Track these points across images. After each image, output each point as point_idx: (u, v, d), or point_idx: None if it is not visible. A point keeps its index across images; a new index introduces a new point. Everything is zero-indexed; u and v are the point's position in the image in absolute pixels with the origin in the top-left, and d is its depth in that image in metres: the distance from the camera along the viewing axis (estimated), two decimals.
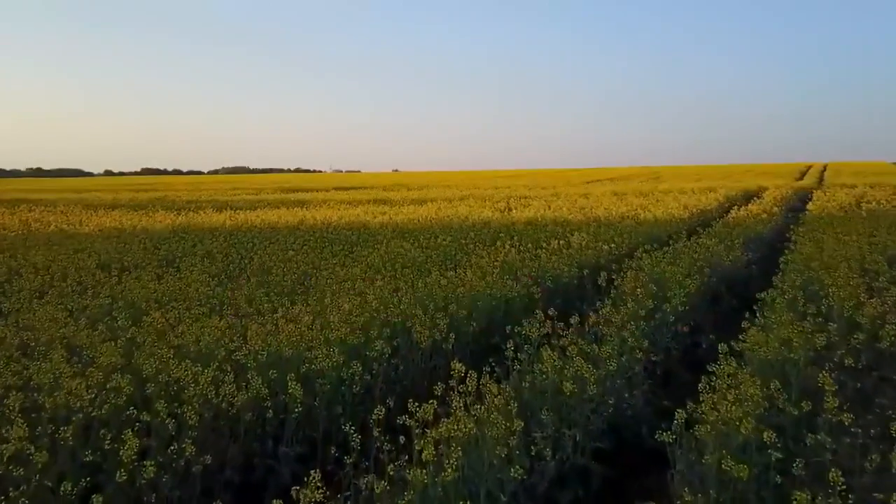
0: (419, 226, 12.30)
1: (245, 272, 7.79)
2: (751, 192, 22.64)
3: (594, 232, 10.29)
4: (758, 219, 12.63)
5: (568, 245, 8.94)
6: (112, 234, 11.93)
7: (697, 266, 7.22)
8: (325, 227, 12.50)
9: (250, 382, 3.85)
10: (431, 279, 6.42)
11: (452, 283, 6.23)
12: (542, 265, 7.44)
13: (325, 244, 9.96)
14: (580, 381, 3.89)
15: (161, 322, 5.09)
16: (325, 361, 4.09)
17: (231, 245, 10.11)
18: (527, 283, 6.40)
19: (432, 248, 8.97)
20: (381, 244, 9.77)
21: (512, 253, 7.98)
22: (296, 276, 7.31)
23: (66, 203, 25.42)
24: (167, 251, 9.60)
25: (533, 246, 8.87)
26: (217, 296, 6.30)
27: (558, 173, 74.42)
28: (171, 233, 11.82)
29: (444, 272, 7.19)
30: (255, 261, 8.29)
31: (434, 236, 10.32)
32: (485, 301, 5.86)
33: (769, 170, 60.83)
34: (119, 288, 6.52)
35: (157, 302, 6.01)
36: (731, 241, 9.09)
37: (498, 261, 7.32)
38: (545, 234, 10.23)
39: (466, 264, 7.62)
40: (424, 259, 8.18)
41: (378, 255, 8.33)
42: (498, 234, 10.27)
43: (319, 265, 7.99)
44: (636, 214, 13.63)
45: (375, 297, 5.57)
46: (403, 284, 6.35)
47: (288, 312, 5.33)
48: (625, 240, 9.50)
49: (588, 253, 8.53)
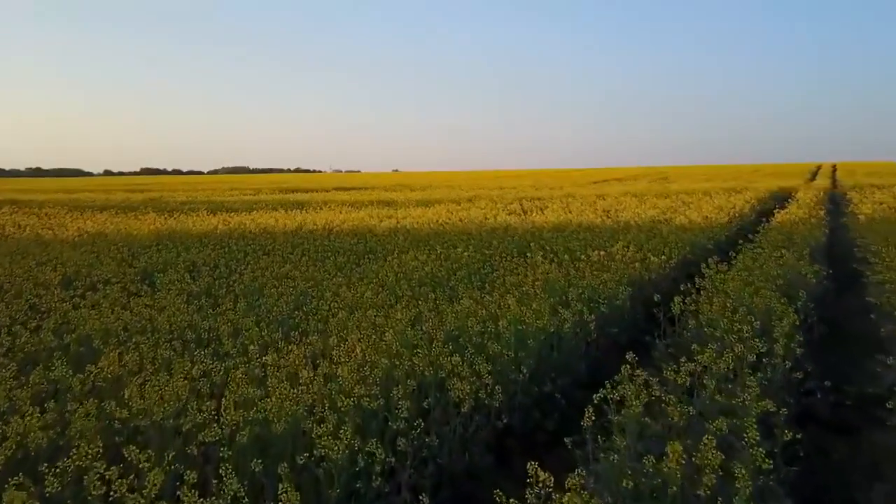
0: (431, 231, 11.03)
1: (233, 290, 6.54)
2: (779, 194, 21.38)
3: (634, 240, 9.03)
4: (806, 223, 11.37)
5: (610, 257, 7.69)
6: (91, 241, 10.68)
7: (778, 285, 5.96)
8: (327, 232, 11.24)
9: (224, 484, 2.59)
10: (461, 306, 5.16)
11: (489, 312, 4.98)
12: (590, 284, 6.18)
13: (328, 254, 8.71)
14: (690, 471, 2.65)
15: (112, 368, 3.84)
16: (332, 448, 2.82)
17: (220, 255, 8.85)
18: (580, 309, 5.14)
19: (452, 260, 7.71)
20: (391, 254, 8.52)
21: (552, 269, 6.70)
22: (293, 297, 6.06)
23: (55, 204, 24.16)
24: (146, 262, 8.35)
25: (570, 258, 7.61)
26: (195, 325, 5.05)
27: (562, 173, 73.08)
28: (155, 239, 10.55)
29: (473, 292, 5.94)
30: (246, 276, 7.04)
31: (452, 245, 9.07)
32: (534, 336, 4.60)
33: (778, 170, 59.55)
34: (75, 314, 5.25)
35: (117, 336, 4.75)
36: (799, 251, 7.83)
37: (538, 279, 6.04)
38: (577, 243, 8.98)
39: (498, 283, 6.37)
40: (446, 275, 6.92)
41: (390, 270, 7.06)
42: (526, 243, 9.01)
43: (321, 282, 6.74)
44: (669, 218, 12.38)
45: (394, 332, 4.31)
46: (426, 311, 5.10)
47: (281, 356, 4.07)
48: (672, 249, 8.23)
49: (635, 266, 7.27)
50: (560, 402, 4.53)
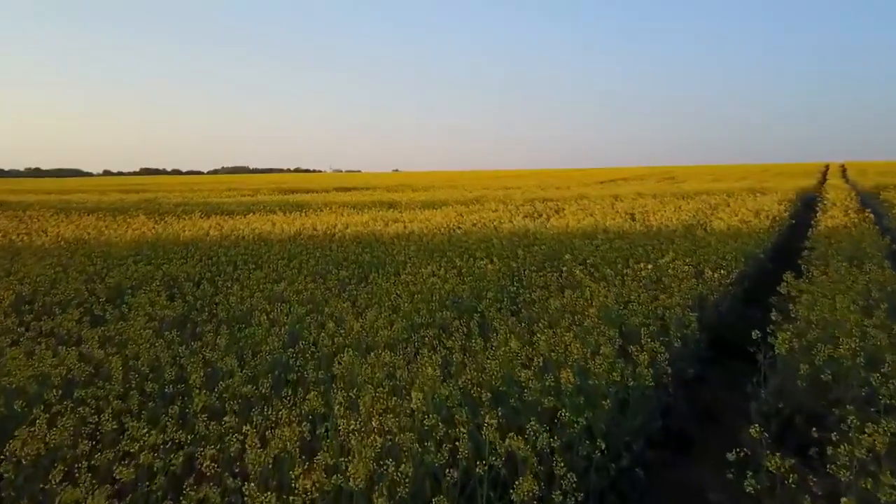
0: (444, 237, 9.90)
1: (216, 316, 5.43)
2: (802, 194, 20.25)
3: (678, 249, 7.90)
4: (859, 228, 10.24)
5: (660, 271, 6.57)
6: (67, 249, 9.56)
7: (883, 309, 4.84)
8: (328, 239, 10.11)
9: None
10: (498, 342, 4.04)
11: (535, 350, 3.85)
12: (650, 308, 5.05)
13: (329, 266, 7.59)
14: None
15: (29, 450, 2.72)
16: None
17: (206, 268, 7.74)
18: (652, 347, 4.01)
19: (476, 275, 6.58)
20: (403, 267, 7.40)
21: (599, 289, 5.54)
22: (287, 325, 4.95)
23: (43, 206, 23.02)
24: (120, 277, 7.22)
25: (613, 273, 6.50)
26: (161, 369, 3.94)
27: (566, 173, 71.84)
28: (136, 248, 9.43)
29: (507, 319, 4.82)
30: (233, 297, 5.91)
31: (470, 254, 7.95)
32: (602, 392, 3.47)
33: (786, 169, 58.42)
34: (3, 360, 4.11)
35: (56, 388, 3.63)
36: (879, 263, 6.71)
37: (591, 307, 4.89)
38: (614, 252, 7.85)
39: (536, 307, 5.24)
40: (470, 294, 5.80)
41: (404, 290, 5.94)
42: (554, 252, 7.87)
43: (322, 305, 5.64)
44: (705, 223, 11.24)
45: (422, 391, 3.19)
46: (456, 349, 3.98)
47: (268, 421, 2.96)
48: (729, 262, 7.10)
49: (691, 283, 6.14)
50: (639, 476, 3.43)
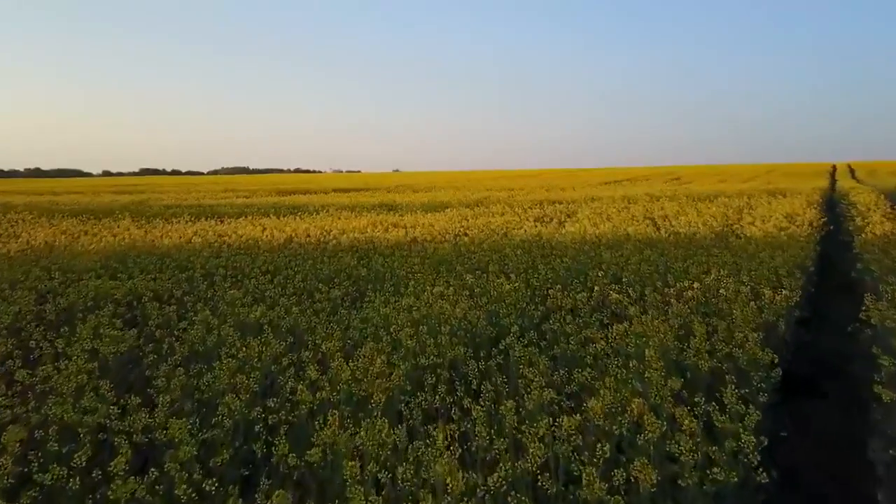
0: (450, 246, 8.85)
1: (173, 352, 4.39)
2: (827, 197, 19.21)
3: (720, 262, 6.85)
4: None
5: (709, 292, 5.52)
6: (28, 260, 8.53)
7: None
8: (321, 249, 9.06)
9: None
10: (533, 404, 3.00)
11: (585, 418, 2.82)
12: (713, 347, 4.01)
13: (319, 283, 6.54)
14: None
15: None
16: None
17: (177, 283, 6.70)
18: (737, 410, 2.98)
19: (493, 298, 5.52)
20: (404, 284, 6.35)
21: (648, 322, 4.47)
22: (260, 367, 3.91)
23: (28, 208, 21.98)
24: (75, 296, 6.18)
25: (657, 294, 5.45)
26: (81, 440, 2.91)
27: (569, 173, 70.62)
28: (103, 258, 8.38)
29: (535, 360, 3.78)
30: (198, 328, 4.85)
31: (481, 269, 6.91)
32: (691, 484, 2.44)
33: (793, 170, 57.35)
34: None
35: None
36: None
37: (651, 352, 3.80)
38: (648, 266, 6.79)
39: (573, 345, 4.19)
40: (487, 326, 4.74)
41: (406, 317, 4.87)
42: (580, 267, 6.81)
43: (305, 336, 4.60)
44: (737, 229, 10.20)
45: (434, 478, 2.15)
46: (479, 416, 2.95)
47: None
48: (788, 280, 6.04)
49: (751, 308, 5.08)
50: None
